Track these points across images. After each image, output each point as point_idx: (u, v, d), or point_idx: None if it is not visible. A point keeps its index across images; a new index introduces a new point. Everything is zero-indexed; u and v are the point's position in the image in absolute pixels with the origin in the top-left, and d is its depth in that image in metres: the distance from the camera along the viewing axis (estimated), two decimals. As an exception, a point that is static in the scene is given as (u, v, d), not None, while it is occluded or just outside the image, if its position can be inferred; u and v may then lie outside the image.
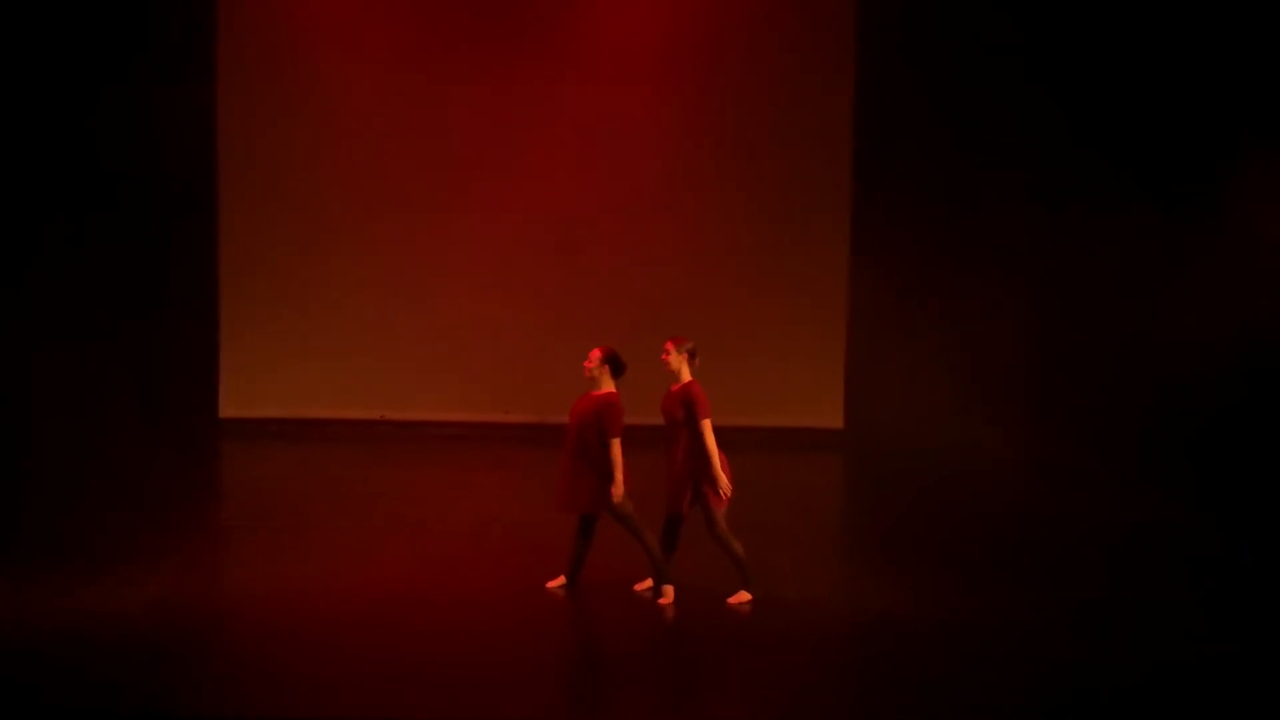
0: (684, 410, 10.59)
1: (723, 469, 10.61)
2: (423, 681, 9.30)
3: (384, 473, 15.67)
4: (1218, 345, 14.09)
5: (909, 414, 16.44)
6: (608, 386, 10.62)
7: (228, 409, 17.49)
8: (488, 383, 17.34)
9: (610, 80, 17.17)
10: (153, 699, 8.97)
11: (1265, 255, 13.72)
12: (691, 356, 10.73)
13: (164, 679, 9.37)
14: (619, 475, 10.47)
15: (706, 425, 10.51)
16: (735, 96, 17.16)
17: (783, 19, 17.09)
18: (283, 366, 17.43)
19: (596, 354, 10.70)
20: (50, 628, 10.13)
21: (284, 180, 17.35)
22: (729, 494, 10.51)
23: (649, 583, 10.82)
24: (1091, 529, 13.32)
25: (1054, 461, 15.34)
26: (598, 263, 17.35)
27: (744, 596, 10.68)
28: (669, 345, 10.75)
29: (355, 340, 17.42)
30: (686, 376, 10.68)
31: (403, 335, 17.41)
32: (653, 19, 17.19)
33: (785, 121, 17.13)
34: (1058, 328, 15.85)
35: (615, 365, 10.66)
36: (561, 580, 10.99)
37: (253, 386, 17.48)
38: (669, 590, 10.69)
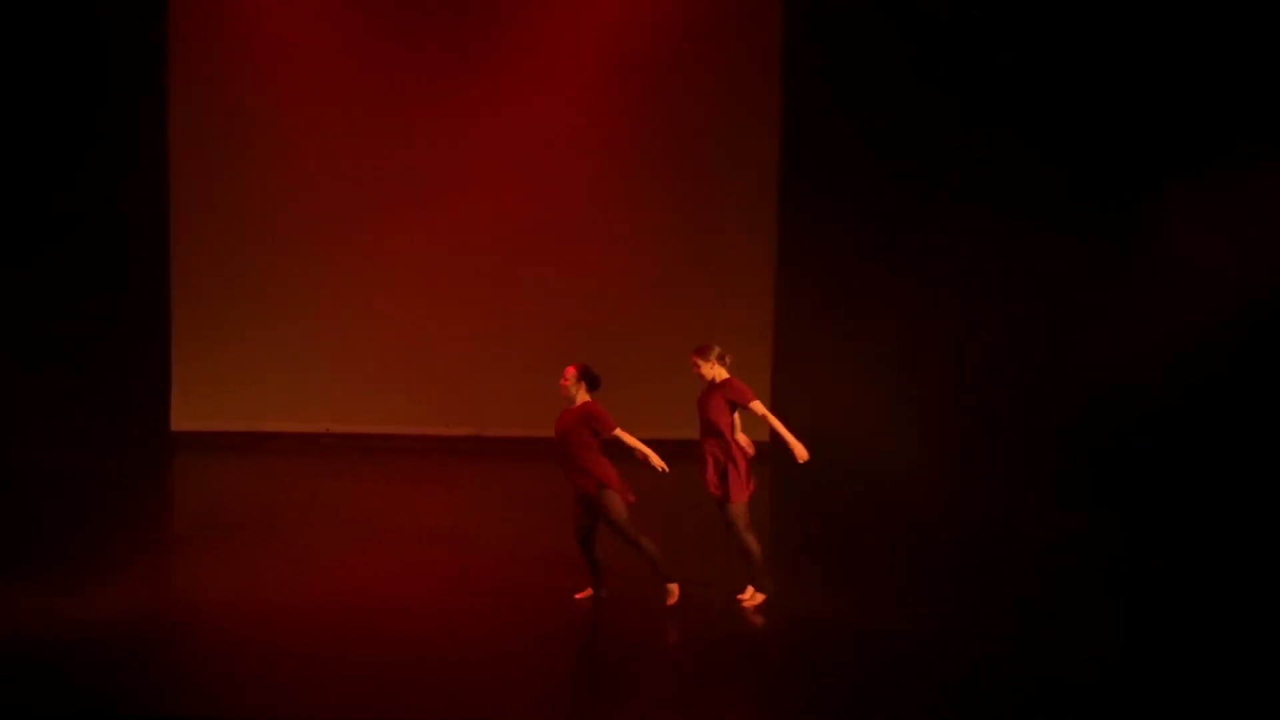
0: (731, 405, 11.02)
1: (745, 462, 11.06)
2: (381, 682, 9.35)
3: (330, 483, 15.66)
4: (1139, 357, 14.11)
5: (834, 424, 15.69)
6: (584, 399, 10.79)
7: (180, 423, 17.43)
8: (429, 397, 17.30)
9: (549, 102, 17.18)
10: (119, 701, 9.00)
11: (1185, 275, 13.69)
12: (721, 358, 11.05)
13: (130, 682, 9.40)
14: (647, 450, 10.74)
15: (757, 405, 11.06)
16: (667, 115, 17.20)
17: (712, 39, 17.12)
18: (232, 382, 17.36)
19: (571, 371, 10.84)
20: (16, 633, 10.14)
21: (234, 201, 17.29)
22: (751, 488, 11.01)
23: (589, 592, 10.94)
24: (1010, 535, 13.36)
25: (978, 469, 15.36)
26: (536, 279, 17.34)
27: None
28: (696, 359, 11.06)
29: (302, 356, 17.36)
30: (724, 375, 11.02)
31: (348, 351, 17.39)
32: (590, 44, 17.18)
33: (715, 140, 17.16)
34: (982, 338, 15.80)
35: (590, 380, 10.82)
36: (589, 592, 11.10)
37: (203, 401, 17.41)
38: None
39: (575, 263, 17.37)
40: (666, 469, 10.77)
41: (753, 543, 10.84)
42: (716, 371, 11.09)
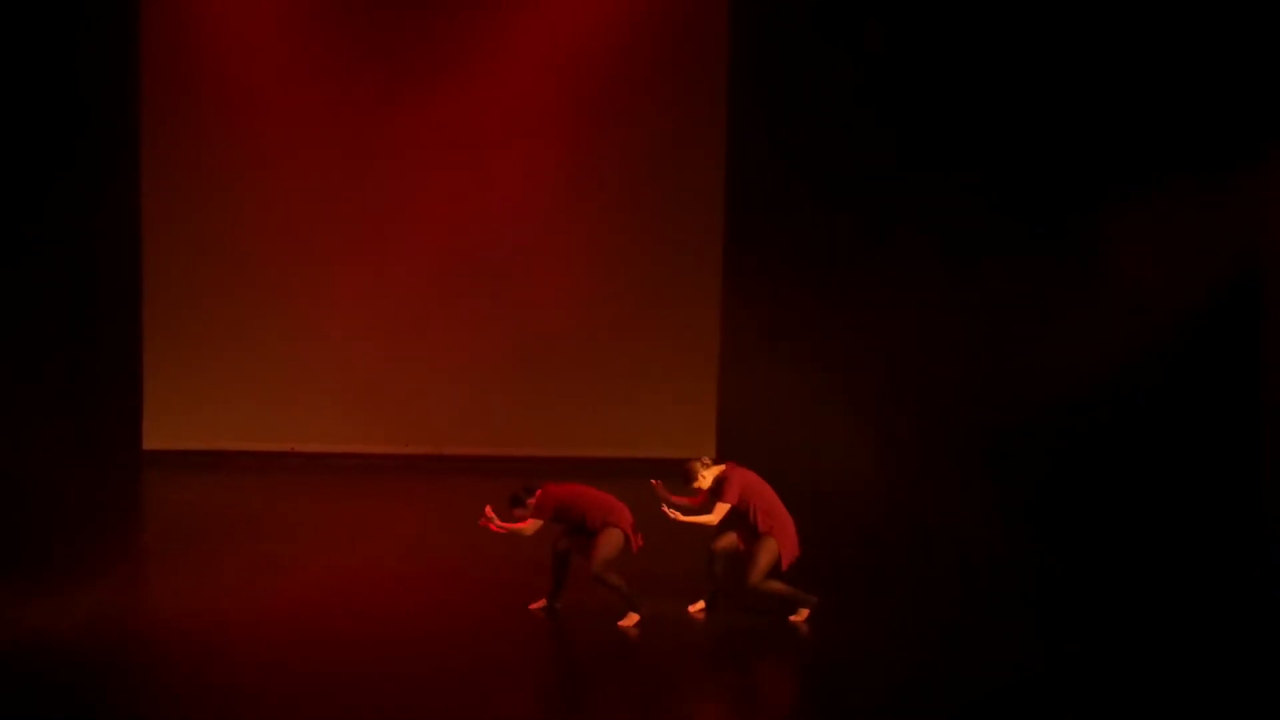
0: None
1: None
2: (347, 690, 9.45)
3: (294, 500, 15.73)
4: (1073, 376, 14.10)
5: (781, 442, 15.87)
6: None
7: (150, 441, 17.42)
8: (388, 416, 17.34)
9: (503, 125, 17.20)
10: (90, 710, 9.13)
11: (1114, 299, 13.63)
12: (705, 465, 10.97)
13: (98, 690, 9.53)
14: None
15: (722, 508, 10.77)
16: (616, 139, 17.22)
17: (659, 70, 17.14)
18: (201, 402, 17.32)
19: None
20: None
21: (204, 231, 17.26)
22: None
23: (543, 602, 11.02)
24: (944, 546, 13.62)
25: (916, 482, 15.46)
26: (487, 301, 17.35)
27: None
28: (698, 468, 10.91)
29: (267, 378, 17.36)
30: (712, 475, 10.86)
31: (311, 374, 17.37)
32: (544, 71, 17.14)
33: (663, 172, 17.20)
34: (919, 360, 15.79)
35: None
36: (543, 602, 11.11)
37: (173, 421, 17.38)
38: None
39: (526, 284, 17.34)
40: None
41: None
42: (711, 474, 10.98)
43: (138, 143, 17.21)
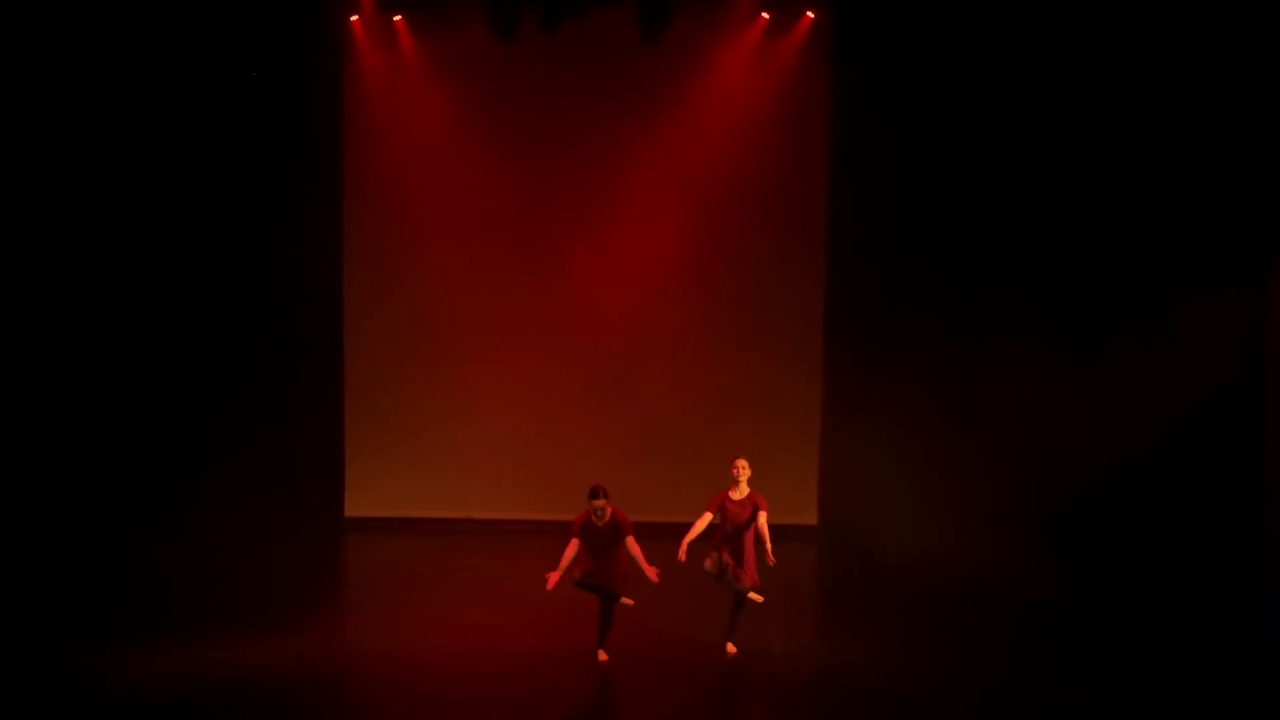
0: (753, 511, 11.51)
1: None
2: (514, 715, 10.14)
3: (468, 559, 15.96)
4: (1106, 453, 13.65)
5: (873, 512, 16.30)
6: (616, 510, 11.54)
7: (351, 509, 17.88)
8: (540, 488, 17.38)
9: (633, 260, 17.40)
10: None
11: (1134, 395, 13.20)
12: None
13: (307, 711, 10.25)
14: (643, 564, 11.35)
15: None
16: (728, 268, 17.41)
17: (767, 201, 17.27)
18: (393, 477, 17.73)
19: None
20: (214, 675, 10.89)
21: (395, 332, 17.69)
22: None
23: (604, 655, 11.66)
24: (1006, 602, 13.79)
25: (986, 549, 15.10)
26: (621, 395, 17.52)
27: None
28: (743, 463, 11.63)
29: (446, 457, 17.72)
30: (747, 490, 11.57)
31: (481, 453, 17.69)
32: (668, 214, 17.30)
33: (767, 285, 17.37)
34: (984, 449, 15.54)
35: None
36: (604, 656, 11.66)
37: (369, 492, 17.81)
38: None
39: (652, 377, 17.51)
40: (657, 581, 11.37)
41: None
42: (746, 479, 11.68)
43: (340, 256, 17.73)
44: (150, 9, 14.35)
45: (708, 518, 11.66)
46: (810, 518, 17.51)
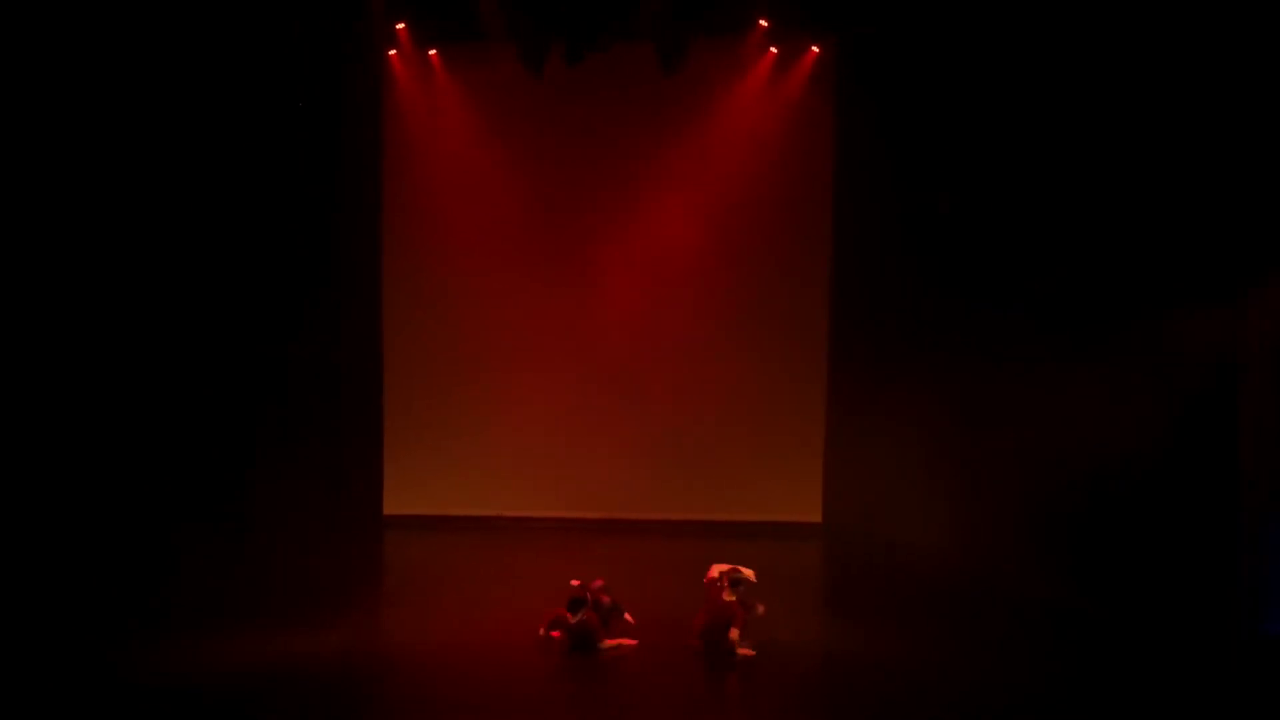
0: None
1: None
2: (543, 702, 10.01)
3: (500, 555, 15.98)
4: (1097, 456, 13.35)
5: (872, 508, 16.59)
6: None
7: (389, 508, 18.09)
8: (568, 488, 17.83)
9: (654, 278, 17.73)
10: (348, 711, 9.79)
11: (1133, 396, 12.88)
12: (734, 585, 11.19)
13: (352, 695, 10.19)
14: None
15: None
16: (741, 283, 17.75)
17: (775, 225, 17.69)
18: (429, 477, 18.00)
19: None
20: (263, 662, 10.85)
21: (431, 341, 18.02)
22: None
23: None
24: (1009, 598, 13.59)
25: (985, 546, 15.02)
26: (642, 403, 17.83)
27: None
28: (719, 577, 11.20)
29: (481, 458, 17.96)
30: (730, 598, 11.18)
31: (513, 455, 17.94)
32: (683, 240, 17.64)
33: (775, 299, 17.66)
34: (986, 456, 15.28)
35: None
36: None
37: (407, 491, 18.05)
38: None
39: (673, 385, 17.80)
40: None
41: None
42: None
43: (380, 269, 18.02)
44: (217, 51, 14.76)
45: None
46: (815, 515, 17.75)
